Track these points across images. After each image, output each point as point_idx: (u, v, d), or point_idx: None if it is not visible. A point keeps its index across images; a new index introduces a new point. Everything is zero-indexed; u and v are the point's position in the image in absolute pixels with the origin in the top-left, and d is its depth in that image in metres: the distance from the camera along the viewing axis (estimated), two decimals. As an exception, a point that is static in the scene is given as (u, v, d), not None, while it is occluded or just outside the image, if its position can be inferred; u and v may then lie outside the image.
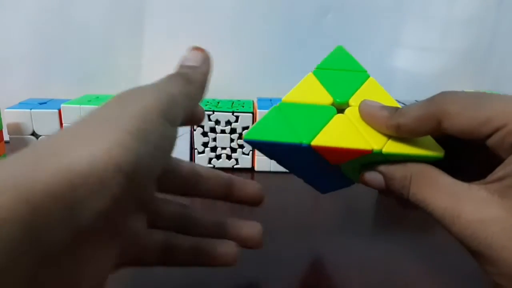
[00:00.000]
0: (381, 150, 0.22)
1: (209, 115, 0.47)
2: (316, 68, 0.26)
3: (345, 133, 0.23)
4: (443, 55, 0.60)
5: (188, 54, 0.24)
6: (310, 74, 0.26)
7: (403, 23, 0.59)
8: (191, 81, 0.22)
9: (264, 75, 0.58)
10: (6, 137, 0.47)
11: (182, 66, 0.24)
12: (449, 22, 0.59)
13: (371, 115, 0.23)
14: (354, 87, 0.25)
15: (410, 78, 0.60)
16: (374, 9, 0.57)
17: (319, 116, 0.24)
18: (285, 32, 0.57)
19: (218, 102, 0.51)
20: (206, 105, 0.49)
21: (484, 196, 0.19)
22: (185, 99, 0.21)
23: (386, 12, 0.58)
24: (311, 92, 0.25)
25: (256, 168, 0.49)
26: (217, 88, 0.57)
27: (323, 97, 0.25)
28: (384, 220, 0.41)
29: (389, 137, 0.23)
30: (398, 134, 0.22)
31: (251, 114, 0.47)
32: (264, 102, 0.51)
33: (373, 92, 0.25)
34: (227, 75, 0.58)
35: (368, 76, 0.26)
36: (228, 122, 0.48)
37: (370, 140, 0.22)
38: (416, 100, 0.55)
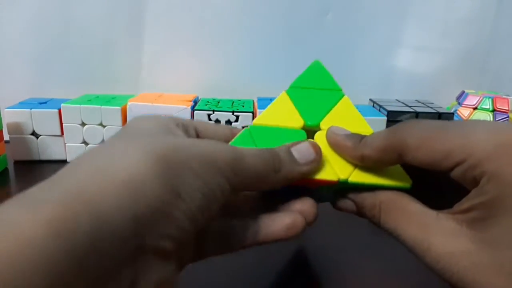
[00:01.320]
0: (347, 179, 0.22)
1: (209, 115, 0.47)
2: (290, 87, 0.26)
3: None
4: (443, 55, 0.60)
5: (301, 145, 0.22)
6: (284, 93, 0.26)
7: (403, 23, 0.59)
8: (279, 170, 0.21)
9: (264, 75, 0.58)
10: (6, 136, 0.47)
11: (286, 150, 0.22)
12: (448, 22, 0.59)
13: (337, 145, 0.23)
14: (326, 108, 0.25)
15: (410, 78, 0.60)
16: (374, 9, 0.57)
17: (288, 141, 0.23)
18: (285, 32, 0.57)
19: (218, 102, 0.51)
20: (206, 104, 0.49)
21: (453, 227, 0.18)
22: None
23: (386, 12, 0.58)
24: (283, 113, 0.25)
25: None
26: (217, 88, 0.58)
27: (295, 120, 0.25)
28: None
29: (356, 165, 0.23)
30: (363, 164, 0.22)
31: (251, 114, 0.47)
32: (264, 102, 0.51)
33: (345, 114, 0.25)
34: (227, 75, 0.58)
35: (343, 95, 0.26)
36: (228, 122, 0.48)
37: (337, 168, 0.22)
38: (416, 100, 0.55)
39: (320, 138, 0.24)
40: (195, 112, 0.47)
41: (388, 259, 0.33)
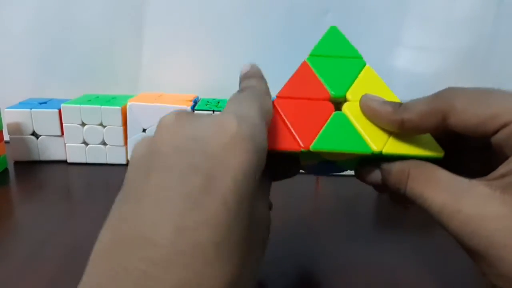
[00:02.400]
0: (381, 151, 0.22)
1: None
2: (310, 55, 0.25)
3: (344, 134, 0.22)
4: (443, 55, 0.60)
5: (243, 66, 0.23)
6: (305, 62, 0.25)
7: (403, 23, 0.58)
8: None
9: (264, 75, 0.58)
10: (6, 137, 0.47)
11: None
12: (449, 22, 0.59)
13: (373, 111, 0.22)
14: (350, 78, 0.24)
15: (410, 78, 0.60)
16: (374, 9, 0.57)
17: (317, 114, 0.23)
18: (285, 32, 0.57)
19: (218, 102, 0.51)
20: (206, 105, 0.49)
21: (486, 192, 0.18)
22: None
23: (386, 12, 0.57)
24: (307, 85, 0.24)
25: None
26: (217, 88, 0.58)
27: (320, 91, 0.24)
28: (384, 220, 0.41)
29: (390, 135, 0.22)
30: (402, 130, 0.21)
31: (251, 114, 0.47)
32: (264, 102, 0.51)
33: (371, 83, 0.24)
34: (227, 75, 0.58)
35: (365, 64, 0.25)
36: (228, 122, 0.48)
37: (370, 140, 0.22)
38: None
39: (349, 110, 0.23)
40: (195, 112, 0.47)
41: (387, 259, 0.33)
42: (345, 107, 0.23)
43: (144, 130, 0.47)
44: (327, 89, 0.24)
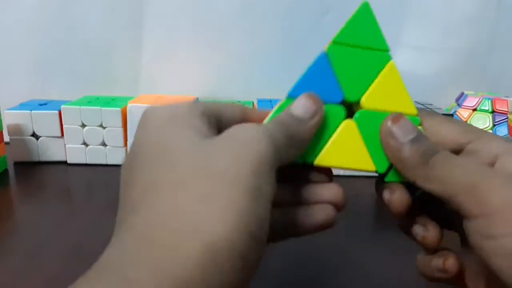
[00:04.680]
0: (385, 174, 0.21)
1: (209, 116, 0.47)
2: (333, 42, 0.22)
3: (350, 150, 0.21)
4: (443, 55, 0.60)
5: (298, 101, 0.20)
6: (324, 52, 0.22)
7: (403, 23, 0.59)
8: (292, 136, 0.19)
9: (264, 76, 0.58)
10: (6, 138, 0.47)
11: (287, 114, 0.20)
12: (449, 22, 0.59)
13: (398, 153, 0.20)
14: (370, 77, 0.22)
15: (409, 79, 0.60)
16: (374, 9, 0.57)
17: (325, 122, 0.21)
18: (284, 32, 0.57)
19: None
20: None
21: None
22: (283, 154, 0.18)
23: (385, 12, 0.57)
24: (321, 84, 0.21)
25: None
26: (217, 89, 0.58)
27: (333, 93, 0.21)
28: (384, 220, 0.41)
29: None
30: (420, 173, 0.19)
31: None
32: (264, 103, 0.51)
33: (390, 86, 0.22)
34: (227, 76, 0.58)
35: (389, 59, 0.22)
36: (228, 123, 0.48)
37: (375, 160, 0.21)
38: (415, 101, 0.55)
39: (360, 120, 0.21)
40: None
41: (387, 259, 0.33)
42: (358, 117, 0.21)
43: (144, 131, 0.47)
44: (341, 92, 0.21)
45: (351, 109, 0.22)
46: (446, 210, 0.21)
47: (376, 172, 0.21)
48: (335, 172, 0.22)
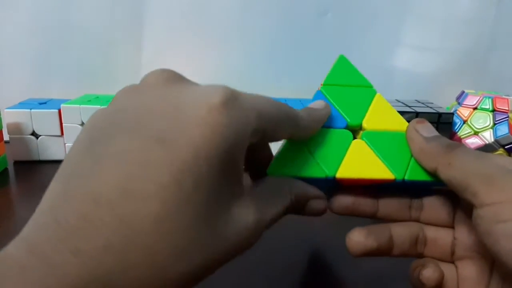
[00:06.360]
0: (403, 178, 0.23)
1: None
2: (324, 85, 0.26)
3: (366, 162, 0.23)
4: (443, 55, 0.60)
5: (315, 102, 0.24)
6: (319, 91, 0.26)
7: (403, 23, 0.59)
8: (309, 114, 0.22)
9: (263, 75, 0.58)
10: (6, 137, 0.47)
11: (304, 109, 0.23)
12: (448, 22, 0.59)
13: (423, 146, 0.22)
14: (364, 106, 0.25)
15: (410, 78, 0.60)
16: (374, 9, 0.57)
17: (337, 143, 0.24)
18: (284, 32, 0.57)
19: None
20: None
21: None
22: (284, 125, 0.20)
23: (386, 12, 0.58)
24: None
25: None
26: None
27: (338, 119, 0.25)
28: (384, 220, 0.41)
29: (410, 161, 0.23)
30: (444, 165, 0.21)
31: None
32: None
33: (383, 111, 0.25)
34: (226, 76, 0.58)
35: (375, 93, 0.26)
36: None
37: (392, 167, 0.23)
38: (416, 100, 0.55)
39: (367, 137, 0.24)
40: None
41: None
42: (365, 136, 0.24)
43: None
44: (344, 118, 0.25)
45: (352, 134, 0.25)
46: None
47: (394, 180, 0.23)
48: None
